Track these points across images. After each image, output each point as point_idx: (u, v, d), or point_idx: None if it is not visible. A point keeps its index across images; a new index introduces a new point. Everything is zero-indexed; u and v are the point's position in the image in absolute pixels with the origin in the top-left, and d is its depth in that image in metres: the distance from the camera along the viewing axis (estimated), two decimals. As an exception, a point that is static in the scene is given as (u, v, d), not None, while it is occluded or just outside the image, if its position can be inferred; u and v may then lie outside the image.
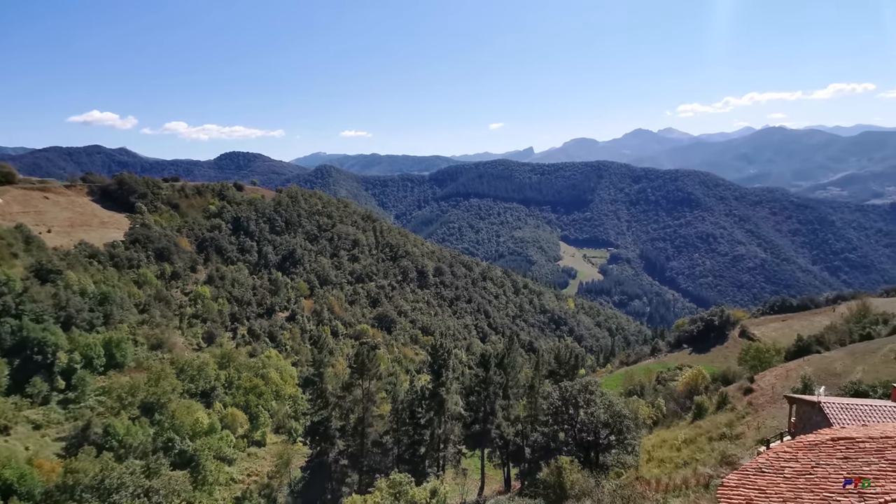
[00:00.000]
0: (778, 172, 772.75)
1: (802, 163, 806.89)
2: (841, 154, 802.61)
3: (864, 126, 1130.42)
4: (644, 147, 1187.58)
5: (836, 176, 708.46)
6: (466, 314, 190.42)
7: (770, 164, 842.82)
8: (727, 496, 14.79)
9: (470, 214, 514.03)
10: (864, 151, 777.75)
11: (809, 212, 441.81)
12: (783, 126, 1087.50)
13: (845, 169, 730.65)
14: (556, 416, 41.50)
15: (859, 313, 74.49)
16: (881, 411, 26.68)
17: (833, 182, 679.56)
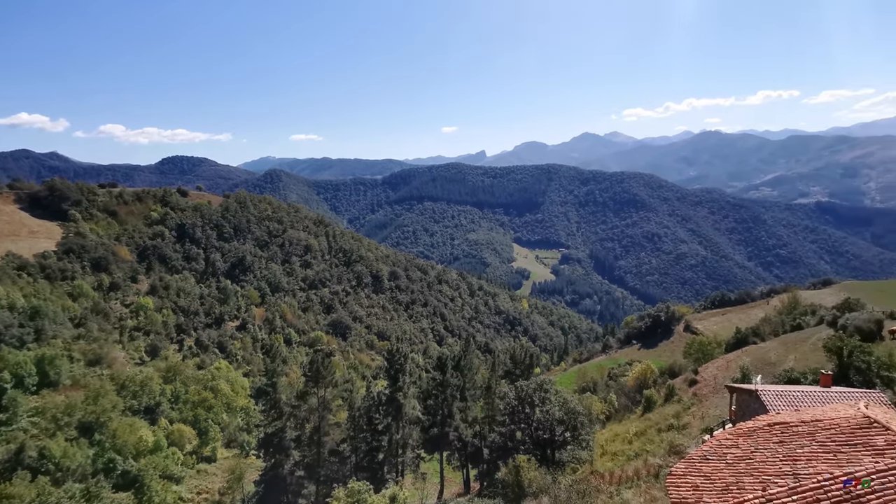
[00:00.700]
0: (715, 174, 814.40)
1: (737, 165, 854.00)
2: (771, 157, 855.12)
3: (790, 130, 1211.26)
4: (591, 150, 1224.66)
5: (766, 177, 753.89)
6: (423, 318, 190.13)
7: (708, 167, 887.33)
8: (675, 484, 15.46)
9: (424, 218, 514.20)
10: (792, 154, 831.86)
11: (744, 211, 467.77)
12: (719, 130, 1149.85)
13: (775, 170, 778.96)
14: (512, 415, 42.08)
15: (790, 305, 79.45)
16: (811, 396, 28.55)
17: (764, 183, 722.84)
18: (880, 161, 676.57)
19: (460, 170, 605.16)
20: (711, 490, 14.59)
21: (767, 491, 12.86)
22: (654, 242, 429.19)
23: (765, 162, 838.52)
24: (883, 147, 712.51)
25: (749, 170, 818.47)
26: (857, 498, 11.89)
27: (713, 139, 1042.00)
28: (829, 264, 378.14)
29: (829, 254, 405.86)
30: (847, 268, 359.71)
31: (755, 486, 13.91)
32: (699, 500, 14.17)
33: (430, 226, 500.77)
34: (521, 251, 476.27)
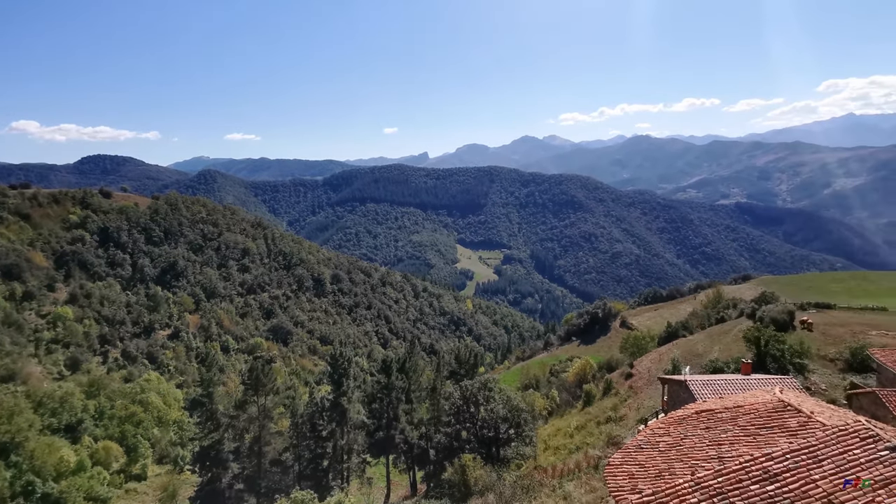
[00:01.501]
0: (646, 177, 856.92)
1: (666, 168, 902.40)
2: (696, 160, 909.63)
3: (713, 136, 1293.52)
4: (531, 153, 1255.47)
5: (692, 179, 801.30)
6: (367, 321, 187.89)
7: (640, 169, 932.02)
8: (612, 473, 16.12)
9: (367, 219, 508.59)
10: (714, 158, 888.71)
11: (673, 211, 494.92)
12: (649, 135, 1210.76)
13: (699, 173, 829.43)
14: (457, 415, 42.40)
15: (714, 300, 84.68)
16: (733, 384, 30.62)
17: (690, 185, 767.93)
18: (790, 165, 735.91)
19: (403, 171, 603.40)
20: (646, 477, 15.33)
21: (696, 475, 13.67)
22: (591, 242, 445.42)
23: (690, 165, 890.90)
24: (792, 152, 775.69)
25: (676, 172, 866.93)
26: (775, 476, 12.87)
27: (644, 143, 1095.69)
28: (748, 261, 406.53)
29: (747, 251, 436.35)
30: (763, 264, 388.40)
31: (685, 471, 14.74)
32: (634, 487, 14.85)
33: (373, 227, 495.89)
34: (465, 252, 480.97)
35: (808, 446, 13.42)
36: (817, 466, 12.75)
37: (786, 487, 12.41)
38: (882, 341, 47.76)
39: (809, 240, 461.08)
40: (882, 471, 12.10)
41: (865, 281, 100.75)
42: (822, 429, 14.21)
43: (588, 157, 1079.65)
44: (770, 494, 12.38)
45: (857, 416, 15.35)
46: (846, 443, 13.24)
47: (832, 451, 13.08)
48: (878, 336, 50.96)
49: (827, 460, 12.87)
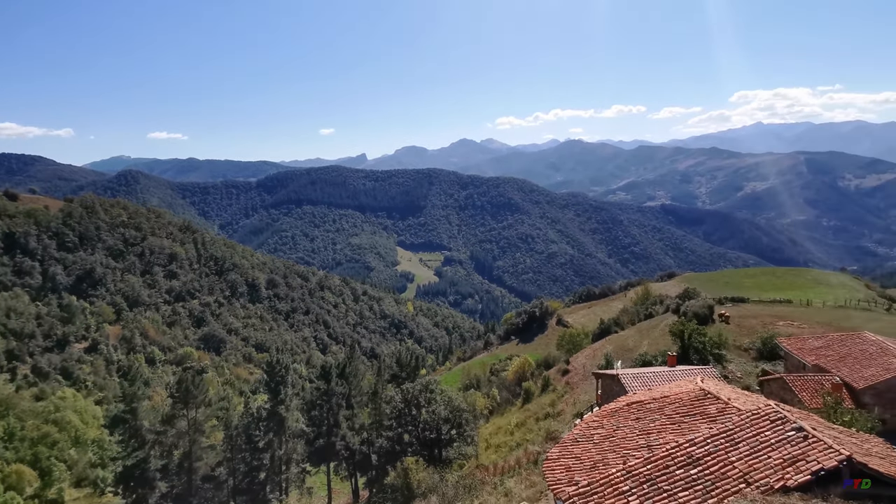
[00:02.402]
0: (579, 180, 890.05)
1: (597, 171, 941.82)
2: (624, 164, 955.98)
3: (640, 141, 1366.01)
4: (469, 156, 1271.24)
5: (621, 182, 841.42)
6: (304, 326, 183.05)
7: (573, 172, 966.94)
8: (550, 468, 16.63)
9: (304, 222, 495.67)
10: (641, 162, 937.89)
11: (604, 213, 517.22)
12: (581, 139, 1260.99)
13: (628, 177, 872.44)
14: (399, 418, 42.22)
15: (643, 297, 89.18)
16: (661, 376, 32.41)
17: (619, 188, 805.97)
18: (708, 169, 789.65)
19: (341, 173, 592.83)
20: (581, 469, 15.94)
21: (627, 464, 14.37)
22: (528, 243, 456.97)
23: (620, 169, 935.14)
24: (710, 157, 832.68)
25: (607, 176, 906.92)
26: (698, 460, 13.77)
27: (577, 147, 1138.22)
28: (672, 259, 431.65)
29: (672, 250, 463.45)
30: (686, 262, 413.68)
31: (618, 461, 15.46)
32: (571, 479, 15.40)
33: (310, 230, 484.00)
34: (405, 254, 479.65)
35: (726, 430, 14.46)
36: (734, 448, 13.77)
37: (707, 470, 13.31)
38: (788, 331, 52.18)
39: (725, 239, 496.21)
40: (790, 450, 13.24)
41: (773, 276, 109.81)
42: (738, 414, 15.35)
43: (524, 161, 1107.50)
44: (693, 477, 13.23)
45: (767, 401, 16.71)
46: (759, 426, 14.38)
47: (747, 434, 14.16)
48: (785, 326, 55.63)
49: (742, 442, 13.93)
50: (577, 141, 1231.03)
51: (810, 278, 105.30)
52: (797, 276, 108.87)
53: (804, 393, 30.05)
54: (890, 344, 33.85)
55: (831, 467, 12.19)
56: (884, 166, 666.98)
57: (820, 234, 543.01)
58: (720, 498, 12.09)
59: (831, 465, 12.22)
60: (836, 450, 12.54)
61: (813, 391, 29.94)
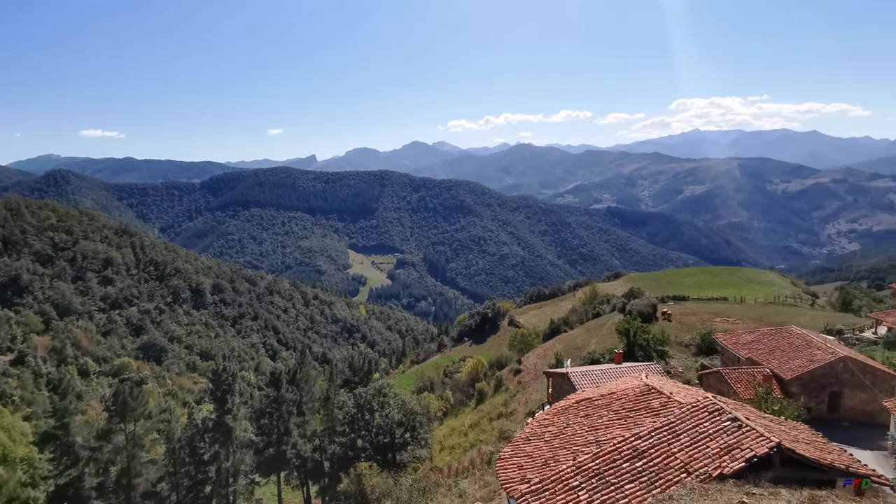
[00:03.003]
0: (529, 183, 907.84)
1: (546, 175, 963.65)
2: (572, 168, 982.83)
3: (587, 145, 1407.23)
4: (421, 158, 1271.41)
5: (569, 186, 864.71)
6: (253, 332, 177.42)
7: (523, 176, 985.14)
8: (503, 466, 16.85)
9: (251, 225, 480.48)
10: (588, 166, 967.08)
11: (553, 216, 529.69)
12: (531, 143, 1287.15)
13: (575, 180, 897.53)
14: (352, 423, 41.65)
15: (591, 297, 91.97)
16: (608, 373, 33.48)
17: (567, 191, 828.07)
18: (651, 173, 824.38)
19: (290, 174, 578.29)
20: (533, 467, 16.24)
21: (577, 460, 14.77)
22: (480, 245, 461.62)
23: (567, 172, 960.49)
24: (652, 162, 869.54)
25: (555, 179, 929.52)
26: (642, 453, 14.32)
27: (526, 151, 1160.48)
28: (618, 260, 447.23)
29: (618, 251, 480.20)
30: (631, 262, 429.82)
31: (568, 457, 15.86)
32: (523, 477, 15.67)
33: (258, 233, 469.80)
34: (357, 257, 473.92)
35: (668, 423, 15.13)
36: (676, 440, 14.42)
37: (651, 462, 13.88)
38: (724, 326, 55.16)
39: (667, 240, 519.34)
40: (726, 439, 14.00)
41: (710, 275, 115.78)
42: (679, 407, 16.09)
43: (475, 164, 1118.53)
44: (639, 470, 13.75)
45: (706, 394, 17.60)
46: (698, 417, 15.13)
47: (687, 426, 14.87)
48: (722, 322, 58.78)
49: (683, 434, 14.61)
50: (527, 145, 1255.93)
51: (743, 277, 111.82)
52: (732, 275, 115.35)
53: (738, 385, 31.84)
54: (814, 337, 36.40)
55: (763, 454, 12.98)
56: (806, 172, 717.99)
57: (752, 234, 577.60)
58: (663, 488, 12.61)
59: (763, 451, 13.00)
60: (767, 437, 13.36)
61: (746, 383, 31.77)
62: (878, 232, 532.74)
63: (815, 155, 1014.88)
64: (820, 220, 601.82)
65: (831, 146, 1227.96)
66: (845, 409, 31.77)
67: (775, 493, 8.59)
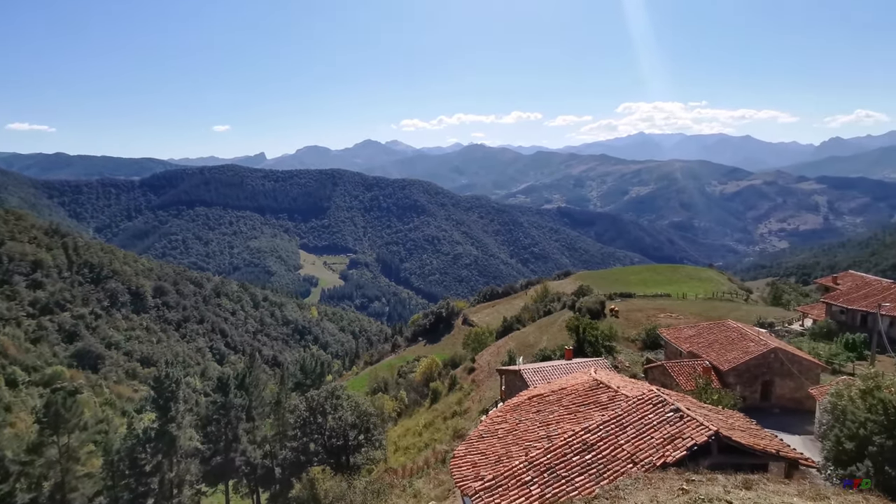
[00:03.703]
0: (482, 183, 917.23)
1: (498, 175, 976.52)
2: (524, 168, 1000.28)
3: (538, 147, 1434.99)
4: (374, 157, 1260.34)
5: (521, 186, 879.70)
6: (198, 336, 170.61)
7: (476, 176, 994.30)
8: (457, 465, 16.94)
9: (196, 225, 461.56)
10: (539, 167, 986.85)
11: (506, 215, 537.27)
12: (483, 144, 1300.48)
13: (527, 180, 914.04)
14: (304, 427, 40.82)
15: (542, 295, 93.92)
16: (559, 369, 34.29)
17: (519, 191, 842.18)
18: (598, 175, 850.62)
19: (238, 172, 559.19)
20: (487, 464, 16.43)
21: (529, 455, 15.06)
22: (434, 245, 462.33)
23: (519, 172, 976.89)
24: (600, 163, 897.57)
25: (508, 179, 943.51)
26: (591, 446, 14.76)
27: (479, 152, 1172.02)
28: (568, 258, 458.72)
29: (568, 250, 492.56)
30: (580, 261, 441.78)
31: (520, 453, 16.14)
32: (477, 475, 15.82)
33: (204, 233, 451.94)
34: (309, 258, 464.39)
35: (616, 416, 15.66)
36: (623, 432, 14.95)
37: (600, 454, 14.33)
38: (667, 322, 57.63)
39: (614, 239, 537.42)
40: (669, 429, 14.63)
41: (655, 272, 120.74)
42: (626, 400, 16.69)
43: (429, 163, 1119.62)
44: (588, 462, 14.17)
45: (650, 387, 18.34)
46: (643, 410, 15.74)
47: (633, 418, 15.44)
48: (665, 318, 61.37)
49: (630, 426, 15.16)
50: (480, 145, 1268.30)
51: (685, 274, 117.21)
52: (674, 272, 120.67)
53: (680, 377, 33.37)
54: (748, 330, 38.63)
55: (702, 442, 13.66)
56: (741, 174, 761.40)
57: (692, 233, 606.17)
58: (611, 479, 13.05)
59: (702, 440, 13.69)
60: (706, 426, 14.07)
61: (688, 375, 33.34)
62: (805, 231, 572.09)
63: (748, 158, 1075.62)
64: (753, 219, 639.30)
65: (763, 150, 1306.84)
66: (776, 397, 33.90)
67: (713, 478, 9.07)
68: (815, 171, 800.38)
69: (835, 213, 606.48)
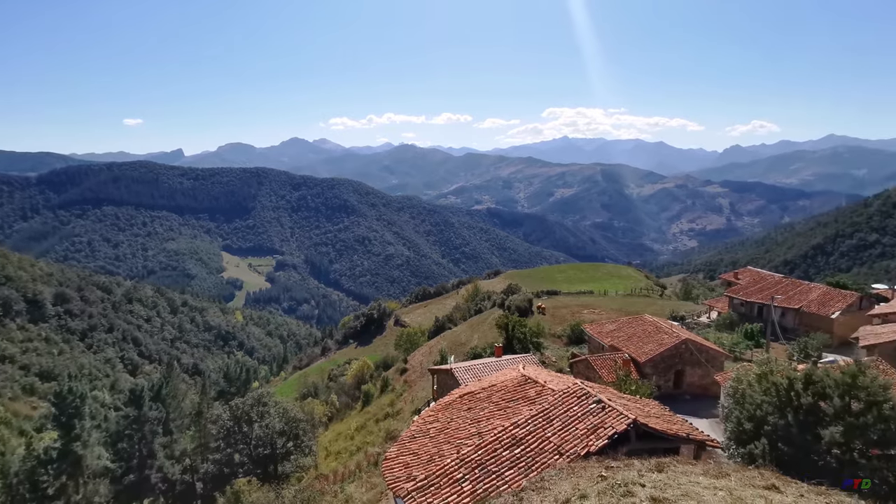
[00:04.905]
0: (413, 183, 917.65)
1: (429, 175, 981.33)
2: (454, 169, 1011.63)
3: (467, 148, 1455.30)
4: (301, 156, 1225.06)
5: (451, 187, 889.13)
6: (108, 346, 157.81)
7: (407, 176, 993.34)
8: (389, 466, 16.87)
9: (104, 225, 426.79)
10: (468, 168, 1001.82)
11: (437, 216, 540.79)
12: (414, 144, 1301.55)
13: (458, 181, 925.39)
14: (228, 437, 39.00)
15: (473, 294, 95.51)
16: (489, 366, 35.02)
17: (450, 192, 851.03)
18: (525, 177, 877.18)
19: (152, 169, 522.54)
20: (419, 464, 16.48)
21: (461, 452, 15.27)
22: (365, 245, 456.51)
23: (450, 173, 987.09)
24: (527, 166, 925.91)
25: (438, 180, 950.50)
26: (520, 440, 15.21)
27: (410, 152, 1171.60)
28: (498, 258, 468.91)
29: (497, 250, 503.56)
30: (509, 260, 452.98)
31: (452, 451, 16.33)
32: (409, 475, 15.84)
33: (113, 235, 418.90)
34: (233, 260, 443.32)
35: (543, 410, 16.24)
36: (549, 425, 15.53)
37: (528, 448, 14.80)
38: (591, 317, 60.49)
39: (541, 238, 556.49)
40: (592, 420, 15.37)
41: (578, 270, 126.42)
42: (552, 394, 17.35)
43: (359, 163, 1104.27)
44: (518, 456, 14.60)
45: (575, 380, 19.17)
46: (568, 402, 16.43)
47: (559, 411, 16.08)
48: (589, 313, 64.37)
49: (556, 419, 15.78)
50: (411, 146, 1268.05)
51: (606, 272, 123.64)
52: (596, 270, 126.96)
53: (603, 370, 35.15)
54: (662, 324, 41.36)
55: (622, 430, 14.49)
56: (655, 178, 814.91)
57: (612, 233, 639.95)
58: (539, 471, 13.53)
59: (622, 428, 14.51)
60: (625, 415, 14.94)
61: (609, 368, 35.18)
62: (711, 230, 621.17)
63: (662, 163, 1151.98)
64: (667, 220, 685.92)
65: (674, 156, 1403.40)
66: (687, 385, 36.57)
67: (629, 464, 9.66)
68: (719, 175, 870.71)
69: (736, 214, 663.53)
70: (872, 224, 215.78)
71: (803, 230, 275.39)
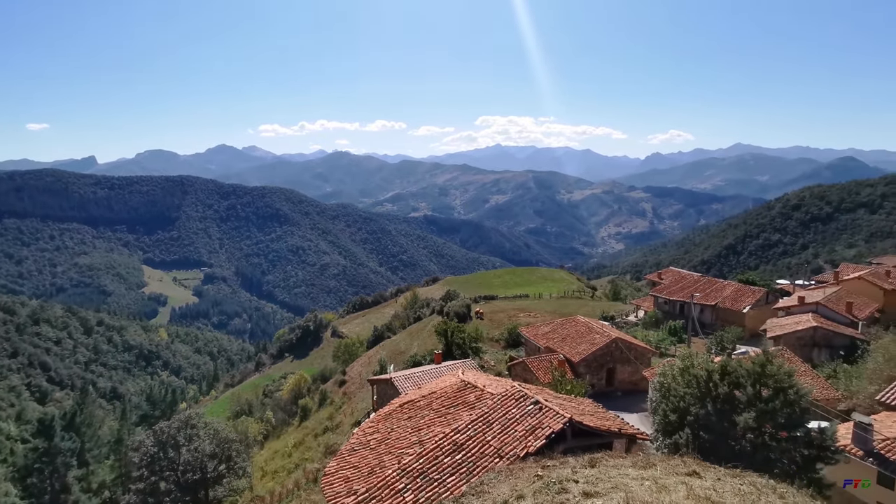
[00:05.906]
0: (348, 191, 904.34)
1: (364, 183, 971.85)
2: (389, 177, 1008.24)
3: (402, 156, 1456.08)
4: (230, 164, 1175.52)
5: (387, 194, 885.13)
6: (11, 373, 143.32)
7: (341, 184, 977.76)
8: (328, 482, 16.47)
9: (6, 240, 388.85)
10: (404, 175, 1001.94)
11: (373, 223, 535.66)
12: (348, 151, 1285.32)
13: (394, 189, 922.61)
14: (152, 465, 36.47)
15: (412, 301, 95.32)
16: (429, 374, 35.02)
17: (386, 199, 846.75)
18: (461, 184, 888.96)
19: (60, 178, 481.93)
20: (360, 477, 16.19)
21: (402, 462, 15.17)
22: (299, 255, 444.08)
23: (385, 181, 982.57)
24: (462, 173, 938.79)
25: (374, 187, 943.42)
26: (461, 446, 15.32)
27: (344, 159, 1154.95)
28: (436, 265, 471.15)
29: (435, 256, 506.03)
30: (447, 266, 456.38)
31: (393, 462, 16.17)
32: (350, 489, 15.52)
33: (16, 250, 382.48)
34: (155, 274, 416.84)
35: (483, 414, 16.46)
36: (489, 429, 15.76)
37: (469, 453, 14.93)
38: (527, 320, 62.03)
39: (478, 244, 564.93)
40: (530, 421, 15.75)
41: (514, 275, 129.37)
42: (492, 398, 17.62)
43: (291, 170, 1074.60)
44: (459, 462, 14.69)
45: (513, 383, 19.58)
46: (507, 405, 16.75)
47: (498, 414, 16.36)
48: (525, 317, 65.98)
49: (496, 422, 16.03)
50: (345, 153, 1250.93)
51: (540, 276, 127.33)
52: (531, 274, 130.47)
53: (539, 371, 36.13)
54: (594, 324, 43.13)
55: (558, 429, 14.95)
56: (584, 184, 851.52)
57: (545, 238, 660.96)
58: (479, 475, 13.68)
59: (558, 427, 14.98)
60: (561, 415, 15.43)
61: (545, 369, 36.22)
62: (636, 233, 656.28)
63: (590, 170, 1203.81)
64: (595, 224, 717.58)
65: (601, 163, 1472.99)
66: (618, 382, 38.32)
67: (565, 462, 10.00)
68: (642, 181, 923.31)
69: (658, 217, 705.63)
70: (775, 225, 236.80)
71: (717, 232, 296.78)
